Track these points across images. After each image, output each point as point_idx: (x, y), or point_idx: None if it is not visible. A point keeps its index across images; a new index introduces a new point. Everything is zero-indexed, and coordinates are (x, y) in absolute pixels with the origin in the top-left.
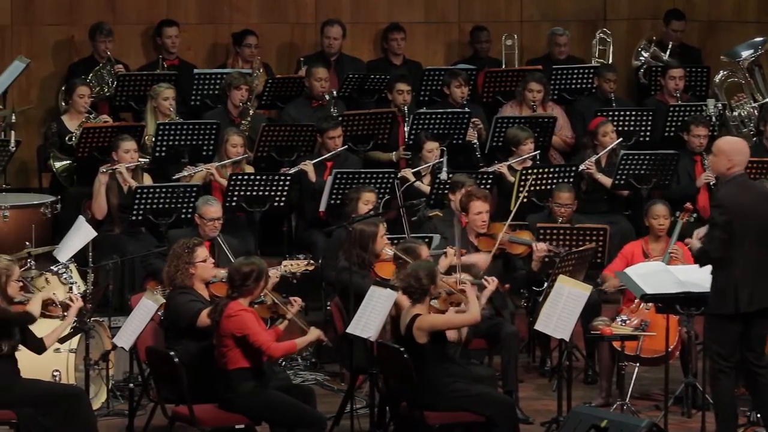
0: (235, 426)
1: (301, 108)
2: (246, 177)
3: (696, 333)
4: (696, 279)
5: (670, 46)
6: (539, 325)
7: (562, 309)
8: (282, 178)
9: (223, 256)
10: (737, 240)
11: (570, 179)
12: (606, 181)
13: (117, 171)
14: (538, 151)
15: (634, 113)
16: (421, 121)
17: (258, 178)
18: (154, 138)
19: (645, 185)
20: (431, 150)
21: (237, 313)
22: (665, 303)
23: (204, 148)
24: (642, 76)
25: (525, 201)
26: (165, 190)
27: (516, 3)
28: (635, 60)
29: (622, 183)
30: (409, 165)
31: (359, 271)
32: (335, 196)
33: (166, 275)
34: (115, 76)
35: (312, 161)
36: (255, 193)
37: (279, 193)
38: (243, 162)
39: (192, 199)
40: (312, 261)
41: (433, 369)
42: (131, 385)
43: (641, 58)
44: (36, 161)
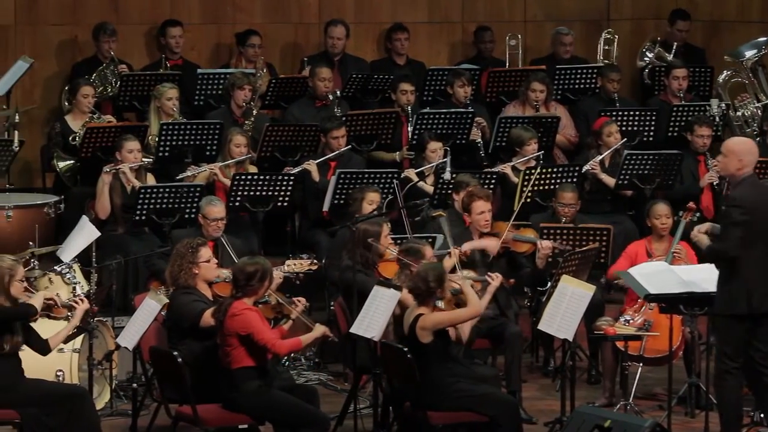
0: (239, 426)
1: (305, 108)
2: (249, 177)
3: (699, 333)
4: (699, 279)
5: (674, 46)
6: (542, 325)
7: (565, 309)
8: (285, 178)
9: (227, 256)
10: (751, 240)
11: (573, 179)
12: (609, 181)
13: (120, 171)
14: (541, 152)
15: (637, 113)
16: (425, 121)
17: (261, 178)
18: (157, 138)
19: (648, 185)
20: (434, 150)
21: (241, 312)
22: (669, 303)
23: (207, 148)
24: (646, 76)
25: (528, 201)
26: (168, 190)
27: (519, 3)
28: (640, 61)
29: (625, 183)
30: (413, 165)
31: (363, 270)
32: (339, 196)
33: (169, 275)
34: (119, 76)
35: (315, 161)
36: (258, 193)
37: (282, 193)
38: (246, 162)
39: (195, 199)
40: (315, 261)
41: (437, 369)
42: (134, 385)
43: (645, 58)
44: (39, 161)
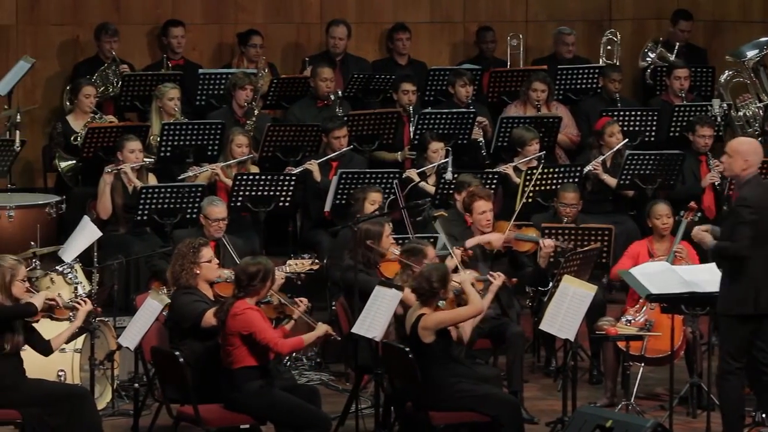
0: (240, 426)
1: (306, 108)
2: (251, 177)
3: (701, 333)
4: (701, 279)
5: (676, 46)
6: (544, 325)
7: (567, 309)
8: (287, 178)
9: (228, 256)
10: (759, 239)
11: (575, 179)
12: (611, 182)
13: (122, 171)
14: (543, 152)
15: (639, 113)
16: (426, 121)
17: (263, 178)
18: (159, 138)
19: (650, 185)
20: (436, 150)
21: (243, 312)
22: (670, 303)
23: (209, 148)
24: (648, 76)
25: (530, 201)
26: (170, 190)
27: (521, 3)
28: (642, 61)
29: (627, 183)
30: (414, 165)
31: (365, 270)
32: (340, 196)
33: (170, 275)
34: (120, 76)
35: (317, 161)
36: (260, 193)
37: (284, 193)
38: (248, 162)
39: (197, 199)
40: (317, 261)
41: (438, 369)
42: (136, 385)
43: (648, 59)
44: (41, 161)
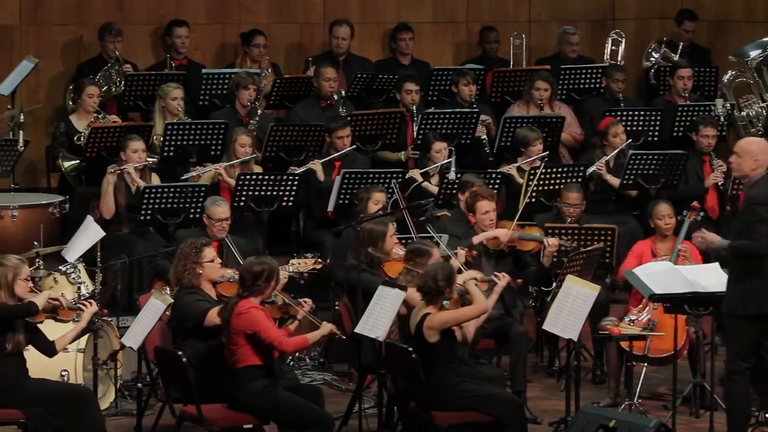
0: (243, 426)
1: (310, 108)
2: (254, 177)
3: (704, 333)
4: (704, 279)
5: (680, 46)
6: (547, 325)
7: (570, 309)
8: (290, 178)
9: (231, 256)
10: None
11: (578, 179)
12: (614, 182)
13: (125, 171)
14: (547, 152)
15: (642, 113)
16: (430, 121)
17: (266, 178)
18: (162, 138)
19: (653, 185)
20: (439, 150)
21: (247, 311)
22: (673, 303)
23: (212, 148)
24: (652, 76)
25: (533, 201)
26: (173, 190)
27: (524, 3)
28: (646, 61)
29: (630, 183)
30: (418, 165)
31: (369, 269)
32: (343, 195)
33: (173, 275)
34: (124, 75)
35: (320, 161)
36: (263, 193)
37: (287, 193)
38: (251, 162)
39: (200, 199)
40: (320, 260)
41: (442, 369)
42: (139, 385)
43: (651, 59)
44: (44, 161)
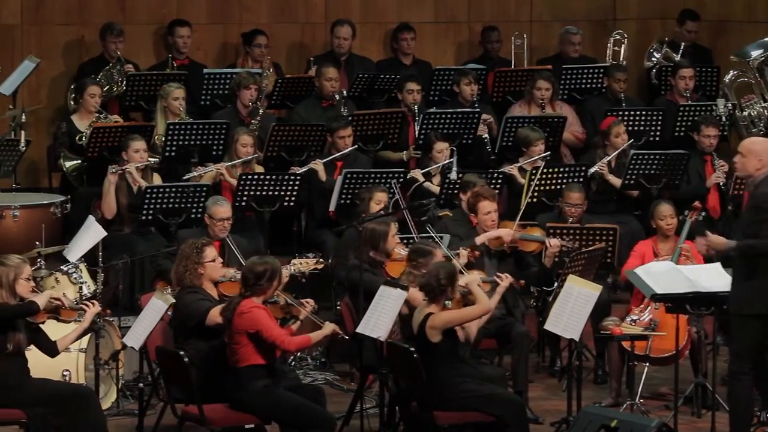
0: (245, 426)
1: (311, 108)
2: (256, 177)
3: (705, 332)
4: (706, 279)
5: (682, 46)
6: (549, 325)
7: (571, 309)
8: (292, 177)
9: (233, 256)
10: None
11: (580, 179)
12: (616, 182)
13: (127, 171)
14: (548, 153)
15: (644, 113)
16: (431, 121)
17: (268, 177)
18: (164, 138)
19: (655, 185)
20: (441, 150)
21: (249, 310)
22: (675, 303)
23: (214, 147)
24: (653, 76)
25: (535, 200)
26: (175, 189)
27: (526, 3)
28: (647, 61)
29: (632, 183)
30: (419, 165)
31: (371, 269)
32: (345, 195)
33: (174, 276)
34: (125, 75)
35: (322, 161)
36: (265, 193)
37: (289, 193)
38: (253, 162)
39: (202, 199)
40: (321, 260)
41: (444, 369)
42: (141, 385)
43: (653, 59)
44: (46, 161)
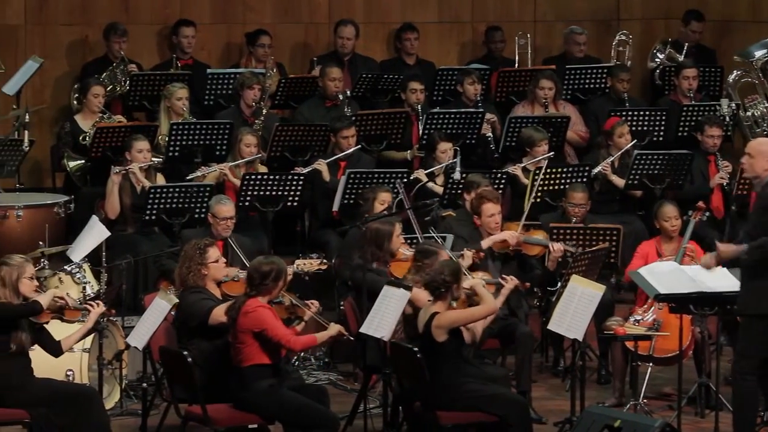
0: (248, 426)
1: (315, 108)
2: (259, 177)
3: (709, 333)
4: (709, 279)
5: (685, 46)
6: (552, 325)
7: (575, 309)
8: (295, 177)
9: (236, 256)
10: None
11: (583, 179)
12: (619, 182)
13: (130, 171)
14: (552, 153)
15: (647, 113)
16: (435, 121)
17: (271, 177)
18: (167, 138)
19: (658, 185)
20: (444, 150)
21: (254, 309)
22: (679, 303)
23: (217, 147)
24: (657, 77)
25: (538, 201)
26: (178, 189)
27: (530, 3)
28: (651, 62)
29: (635, 183)
30: (423, 165)
31: (375, 269)
32: (348, 195)
33: (177, 276)
34: (129, 75)
35: (325, 161)
36: (268, 193)
37: (292, 193)
38: (256, 162)
39: (205, 199)
40: (324, 260)
41: (448, 369)
42: (144, 385)
43: (657, 59)
44: (49, 161)
